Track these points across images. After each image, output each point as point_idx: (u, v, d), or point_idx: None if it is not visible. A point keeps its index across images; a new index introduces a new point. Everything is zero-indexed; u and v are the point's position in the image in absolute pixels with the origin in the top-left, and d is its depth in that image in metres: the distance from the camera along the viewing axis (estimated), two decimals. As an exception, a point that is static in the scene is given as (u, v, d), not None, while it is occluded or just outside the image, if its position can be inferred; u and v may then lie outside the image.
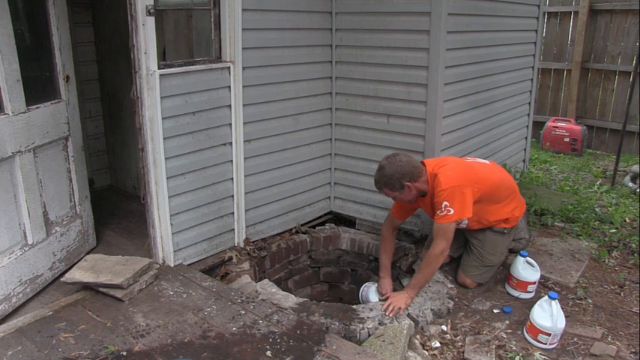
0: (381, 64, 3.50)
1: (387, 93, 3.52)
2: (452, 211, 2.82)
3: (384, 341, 2.52)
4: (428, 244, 3.28)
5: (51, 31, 2.88)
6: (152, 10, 2.69)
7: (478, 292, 3.22)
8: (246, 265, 3.28)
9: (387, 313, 2.76)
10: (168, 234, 3.04)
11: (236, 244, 3.45)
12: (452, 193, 2.83)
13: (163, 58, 3.27)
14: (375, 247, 3.66)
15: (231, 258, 3.32)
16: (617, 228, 4.06)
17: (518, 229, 3.49)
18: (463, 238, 3.28)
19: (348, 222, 4.01)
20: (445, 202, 2.83)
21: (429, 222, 3.46)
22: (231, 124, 3.21)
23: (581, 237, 3.91)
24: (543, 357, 2.64)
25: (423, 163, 3.02)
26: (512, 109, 4.65)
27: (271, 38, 3.31)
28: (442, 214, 2.83)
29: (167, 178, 2.95)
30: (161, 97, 2.82)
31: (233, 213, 3.38)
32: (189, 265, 3.17)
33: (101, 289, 2.74)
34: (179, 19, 3.53)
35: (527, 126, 5.13)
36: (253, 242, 3.53)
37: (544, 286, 3.27)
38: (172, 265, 3.08)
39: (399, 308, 2.79)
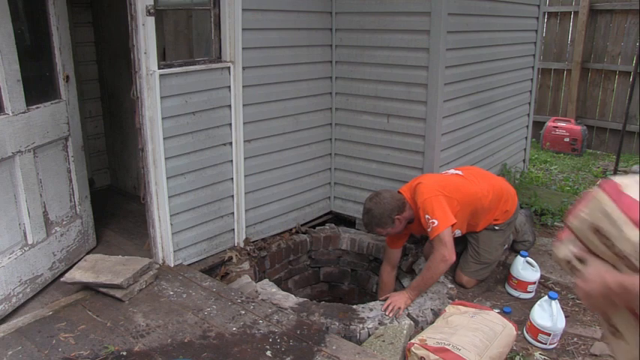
0: (381, 64, 3.50)
1: (387, 93, 3.52)
2: (436, 222, 2.82)
3: (384, 341, 2.52)
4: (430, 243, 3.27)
5: (51, 31, 2.88)
6: (152, 10, 2.69)
7: (478, 292, 3.22)
8: (246, 265, 3.28)
9: (386, 313, 2.76)
10: (168, 234, 3.04)
11: (236, 244, 3.45)
12: (428, 204, 2.86)
13: (163, 58, 3.26)
14: (375, 246, 3.65)
15: (231, 258, 3.32)
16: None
17: (522, 232, 3.49)
18: (461, 237, 3.28)
19: (348, 222, 4.00)
20: (427, 216, 2.85)
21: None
22: (231, 124, 3.21)
23: (581, 237, 3.89)
24: (543, 357, 2.64)
25: (399, 192, 3.05)
26: (512, 109, 4.64)
27: (271, 38, 3.31)
28: (430, 229, 2.85)
29: (167, 178, 2.95)
30: (161, 97, 2.82)
31: (233, 213, 3.38)
32: (189, 265, 3.17)
33: (101, 289, 2.74)
34: (179, 19, 3.53)
35: (528, 126, 5.13)
36: (253, 242, 3.53)
37: (544, 286, 3.27)
38: (172, 265, 3.08)
39: (399, 308, 2.78)
